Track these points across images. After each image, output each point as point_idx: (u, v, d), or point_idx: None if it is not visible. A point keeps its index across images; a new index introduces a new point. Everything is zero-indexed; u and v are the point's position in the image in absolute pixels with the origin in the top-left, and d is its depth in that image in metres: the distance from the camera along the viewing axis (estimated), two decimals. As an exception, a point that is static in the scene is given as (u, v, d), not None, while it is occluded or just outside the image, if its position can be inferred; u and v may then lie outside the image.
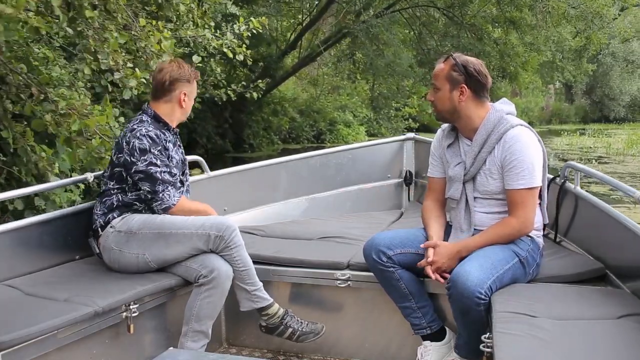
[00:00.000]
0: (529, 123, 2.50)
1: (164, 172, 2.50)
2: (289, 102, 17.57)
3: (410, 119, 21.51)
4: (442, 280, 2.32)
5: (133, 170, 2.48)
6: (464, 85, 2.36)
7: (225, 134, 14.37)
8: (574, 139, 19.70)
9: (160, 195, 2.49)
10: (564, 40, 16.96)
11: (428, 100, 2.50)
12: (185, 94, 2.64)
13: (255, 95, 6.54)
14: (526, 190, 2.32)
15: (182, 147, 2.77)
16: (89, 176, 2.83)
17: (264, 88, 7.56)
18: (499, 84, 17.54)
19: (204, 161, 3.40)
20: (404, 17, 15.04)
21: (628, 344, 1.76)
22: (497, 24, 14.77)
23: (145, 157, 2.48)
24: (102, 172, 2.78)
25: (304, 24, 15.15)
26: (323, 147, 4.53)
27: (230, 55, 4.70)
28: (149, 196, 2.51)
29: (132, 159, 2.48)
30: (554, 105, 37.15)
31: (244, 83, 6.81)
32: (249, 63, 5.12)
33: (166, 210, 2.51)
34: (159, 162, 2.49)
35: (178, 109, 2.65)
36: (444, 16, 14.72)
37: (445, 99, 2.39)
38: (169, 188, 2.51)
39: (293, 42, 15.40)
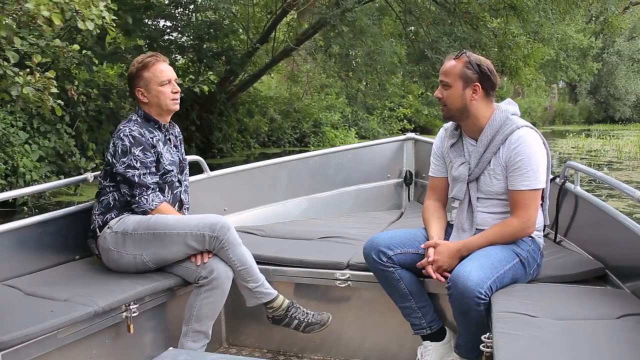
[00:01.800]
0: (532, 124, 2.48)
1: (143, 174, 2.49)
2: (266, 101, 16.11)
3: (405, 120, 21.02)
4: (442, 279, 2.31)
5: (114, 170, 2.51)
6: (478, 84, 2.35)
7: (192, 137, 12.84)
8: (580, 141, 19.04)
9: (137, 199, 2.49)
10: (569, 37, 16.31)
11: (436, 97, 2.47)
12: (140, 89, 2.59)
13: (205, 89, 5.97)
14: (530, 191, 2.31)
15: (180, 147, 2.75)
16: (89, 176, 2.83)
17: (215, 81, 6.76)
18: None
19: (204, 161, 3.40)
20: (395, 11, 13.97)
21: (628, 344, 1.75)
22: (495, 12, 13.28)
23: (125, 159, 2.48)
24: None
25: (277, 12, 13.38)
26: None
27: (86, 27, 3.94)
28: (128, 198, 2.51)
29: (114, 160, 2.51)
30: (557, 105, 37.00)
31: (192, 77, 6.15)
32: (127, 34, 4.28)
33: (144, 214, 2.50)
34: (137, 165, 2.48)
35: (145, 106, 2.61)
36: (434, 3, 13.47)
37: (457, 96, 2.37)
38: (148, 192, 2.49)
39: (265, 34, 13.65)
